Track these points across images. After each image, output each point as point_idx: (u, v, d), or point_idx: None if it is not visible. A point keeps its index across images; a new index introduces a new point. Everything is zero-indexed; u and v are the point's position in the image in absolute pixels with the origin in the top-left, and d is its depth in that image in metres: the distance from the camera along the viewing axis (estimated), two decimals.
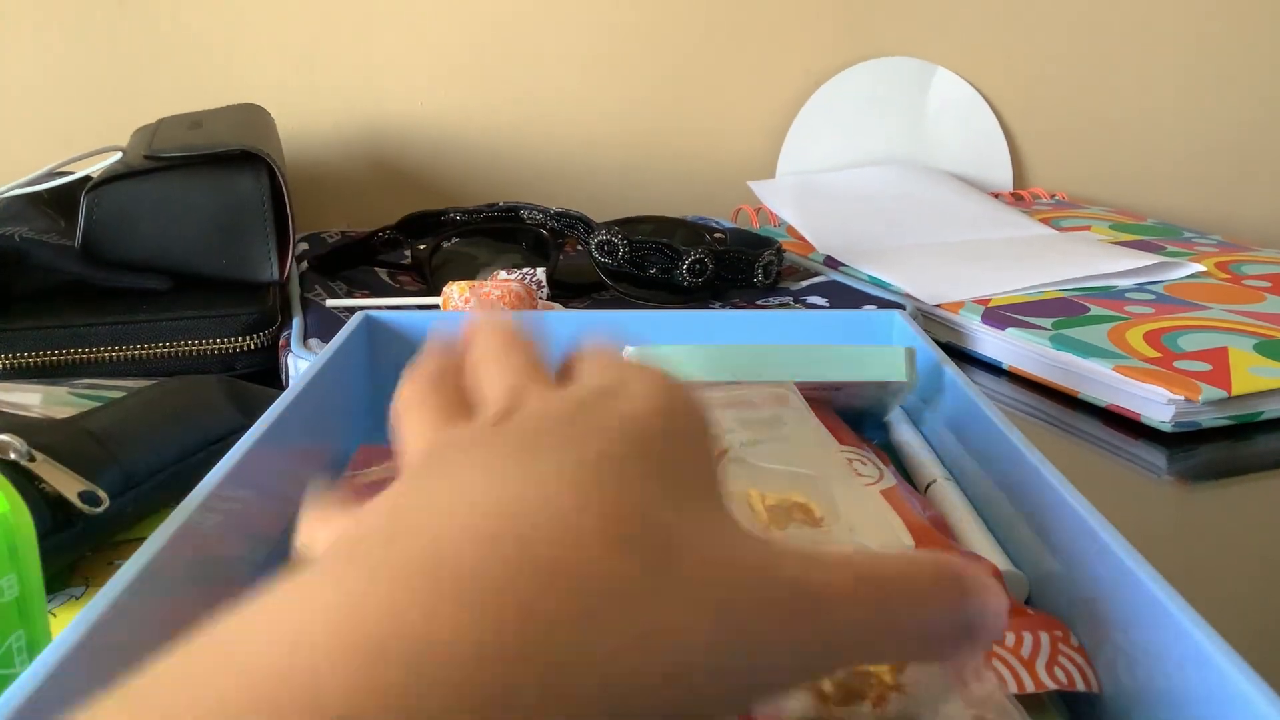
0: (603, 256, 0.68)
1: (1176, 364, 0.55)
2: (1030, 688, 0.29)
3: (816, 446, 0.39)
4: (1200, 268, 0.75)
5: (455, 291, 0.57)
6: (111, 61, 0.90)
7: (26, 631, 0.29)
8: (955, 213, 0.91)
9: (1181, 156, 1.12)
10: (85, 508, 0.37)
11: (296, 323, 0.59)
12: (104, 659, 0.25)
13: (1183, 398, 0.52)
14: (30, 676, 0.23)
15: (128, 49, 0.90)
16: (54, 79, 0.90)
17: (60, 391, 0.46)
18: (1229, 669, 0.24)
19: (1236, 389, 0.53)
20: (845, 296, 0.69)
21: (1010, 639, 0.30)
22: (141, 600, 0.27)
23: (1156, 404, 0.53)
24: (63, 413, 0.42)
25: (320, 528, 0.22)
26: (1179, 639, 0.26)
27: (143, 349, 0.56)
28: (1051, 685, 0.29)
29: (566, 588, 0.15)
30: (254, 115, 0.77)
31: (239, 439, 0.36)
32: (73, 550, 0.38)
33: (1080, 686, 0.29)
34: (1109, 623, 0.29)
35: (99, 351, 0.56)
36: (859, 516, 0.34)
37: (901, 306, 0.67)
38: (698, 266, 0.67)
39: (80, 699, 0.24)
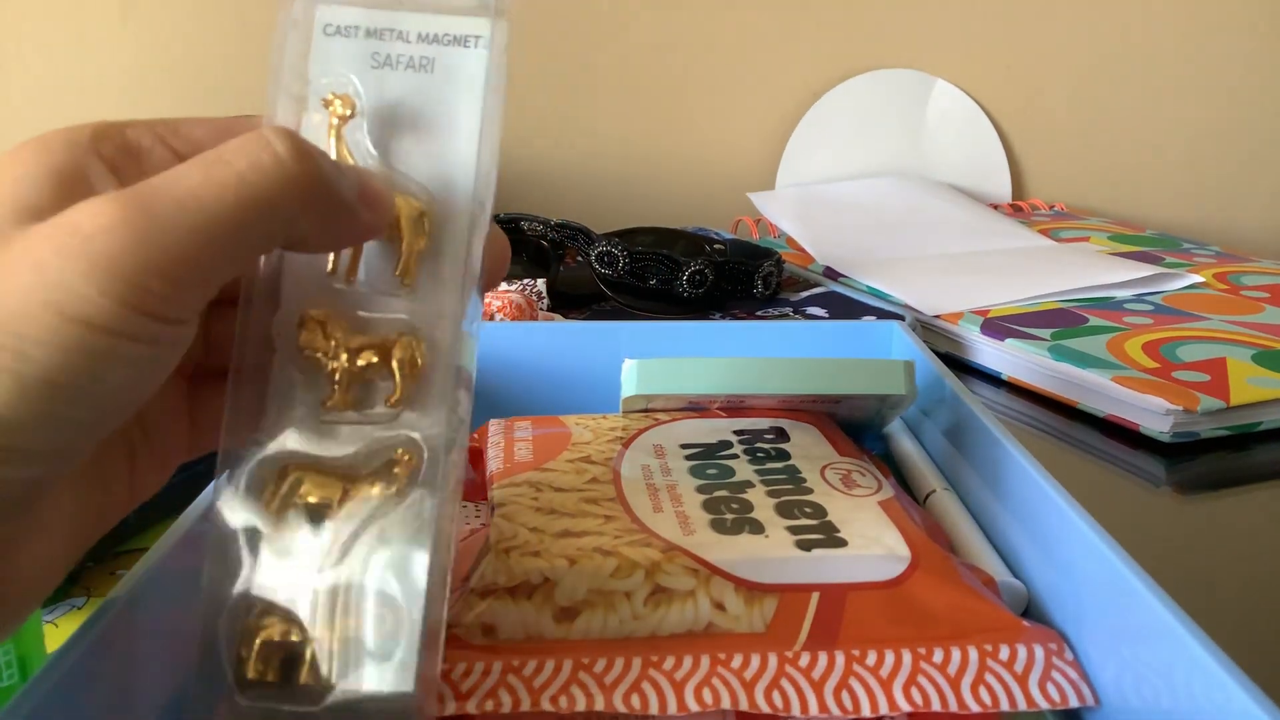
0: (603, 267, 0.68)
1: (1175, 374, 0.55)
2: (1023, 706, 0.29)
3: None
4: (1199, 278, 0.75)
5: None
6: (113, 73, 0.91)
7: (16, 645, 0.29)
8: (954, 224, 0.91)
9: (1180, 168, 1.12)
10: None
11: None
12: (106, 668, 0.25)
13: (1181, 408, 0.52)
14: (33, 686, 0.23)
15: (130, 61, 0.91)
16: (56, 90, 0.90)
17: None
18: (1227, 680, 0.24)
19: (1235, 399, 0.53)
20: (845, 307, 0.69)
21: (1005, 653, 0.30)
22: (143, 610, 0.27)
23: (1155, 414, 0.53)
24: None
25: None
26: (1178, 649, 0.26)
27: None
28: (1044, 705, 0.29)
29: None
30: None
31: None
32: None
33: (1074, 703, 0.29)
34: (1108, 633, 0.29)
35: None
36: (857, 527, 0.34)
37: (901, 317, 0.67)
38: (698, 277, 0.67)
39: (83, 709, 0.24)
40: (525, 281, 0.65)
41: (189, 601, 0.30)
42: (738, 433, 0.41)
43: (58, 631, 0.36)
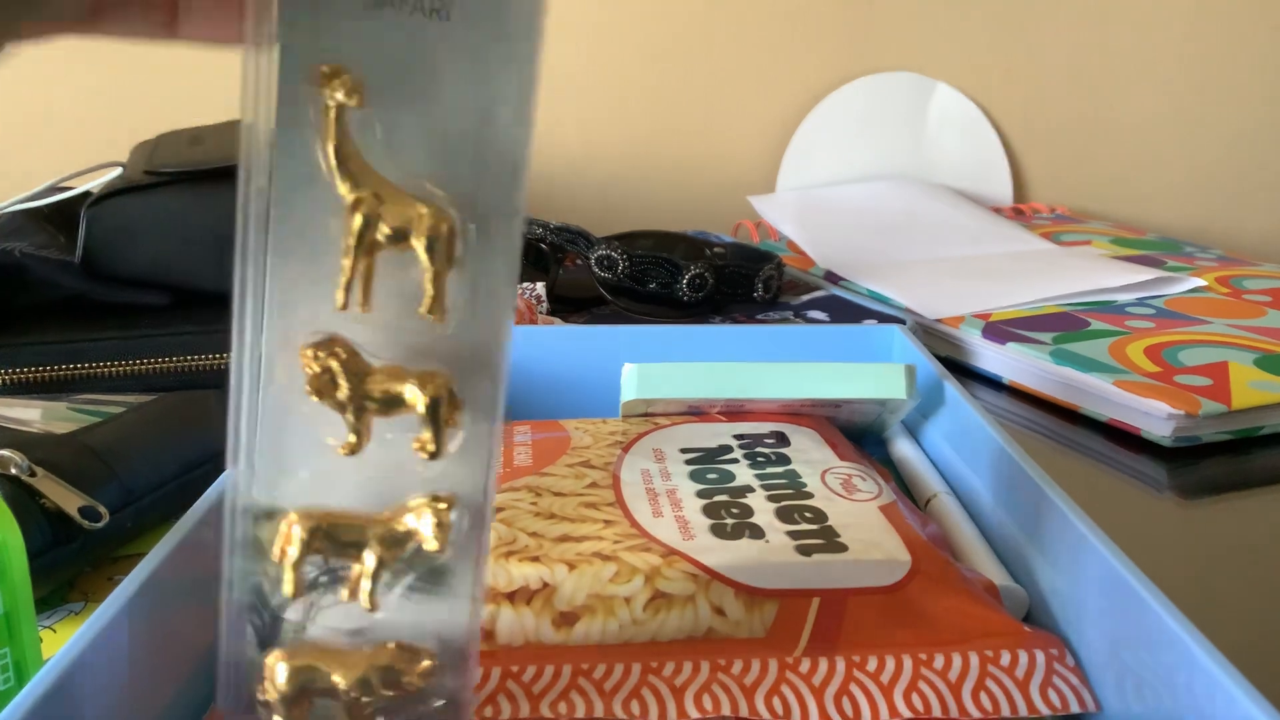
0: (602, 271, 0.68)
1: (1177, 378, 0.55)
2: (1024, 711, 0.29)
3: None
4: (1201, 282, 0.75)
5: None
6: (111, 77, 0.91)
7: (13, 649, 0.29)
8: (955, 227, 0.91)
9: (1182, 171, 1.12)
10: (85, 523, 0.37)
11: None
12: (103, 674, 0.25)
13: (1183, 412, 0.52)
14: (29, 692, 0.23)
15: (128, 65, 0.91)
16: (54, 95, 0.90)
17: (60, 407, 0.46)
18: (1229, 685, 0.23)
19: (1236, 403, 0.53)
20: (845, 311, 0.69)
21: (1006, 658, 0.30)
22: (140, 616, 0.27)
23: (1157, 418, 0.53)
24: (63, 428, 0.42)
25: None
26: (1179, 654, 0.25)
27: (142, 364, 0.56)
28: (1045, 711, 0.29)
29: None
30: None
31: None
32: (72, 566, 0.38)
33: (1075, 708, 0.29)
34: (1109, 638, 0.29)
35: (98, 367, 0.56)
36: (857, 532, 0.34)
37: (902, 321, 0.67)
38: (698, 281, 0.67)
39: (79, 714, 0.24)
40: (525, 285, 0.65)
41: (186, 607, 0.30)
42: (738, 437, 0.41)
43: (55, 637, 0.36)
